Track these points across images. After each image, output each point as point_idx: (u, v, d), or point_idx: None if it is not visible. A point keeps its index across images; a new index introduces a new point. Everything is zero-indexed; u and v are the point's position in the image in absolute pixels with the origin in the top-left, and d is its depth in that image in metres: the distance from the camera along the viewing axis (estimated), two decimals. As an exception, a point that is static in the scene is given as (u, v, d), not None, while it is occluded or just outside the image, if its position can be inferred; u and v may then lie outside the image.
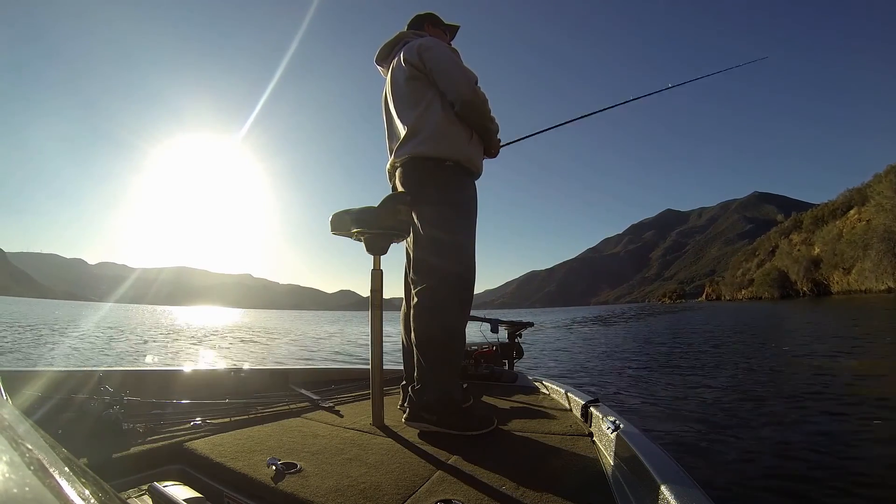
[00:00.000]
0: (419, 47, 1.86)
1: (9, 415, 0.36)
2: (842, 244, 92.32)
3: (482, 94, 1.86)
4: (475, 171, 1.94)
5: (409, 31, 2.07)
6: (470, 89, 1.81)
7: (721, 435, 3.33)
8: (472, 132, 1.89)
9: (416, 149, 1.82)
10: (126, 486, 1.11)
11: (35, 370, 1.57)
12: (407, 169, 1.86)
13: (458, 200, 1.84)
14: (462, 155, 1.84)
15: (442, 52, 1.86)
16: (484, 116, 1.89)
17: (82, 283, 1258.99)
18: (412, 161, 1.84)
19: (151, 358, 9.26)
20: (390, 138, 2.01)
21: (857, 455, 2.82)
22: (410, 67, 1.86)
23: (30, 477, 0.26)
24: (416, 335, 1.75)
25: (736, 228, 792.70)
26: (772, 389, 4.91)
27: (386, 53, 2.07)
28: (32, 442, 0.32)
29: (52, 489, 0.27)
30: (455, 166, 1.83)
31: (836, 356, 7.22)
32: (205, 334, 17.44)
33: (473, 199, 1.91)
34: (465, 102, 1.80)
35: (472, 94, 1.81)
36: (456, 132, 1.84)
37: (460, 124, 1.85)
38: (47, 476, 0.28)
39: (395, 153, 1.91)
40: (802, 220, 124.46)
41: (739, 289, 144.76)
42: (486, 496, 1.03)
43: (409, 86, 1.89)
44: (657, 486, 0.86)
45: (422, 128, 1.83)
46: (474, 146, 1.91)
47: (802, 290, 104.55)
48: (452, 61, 1.85)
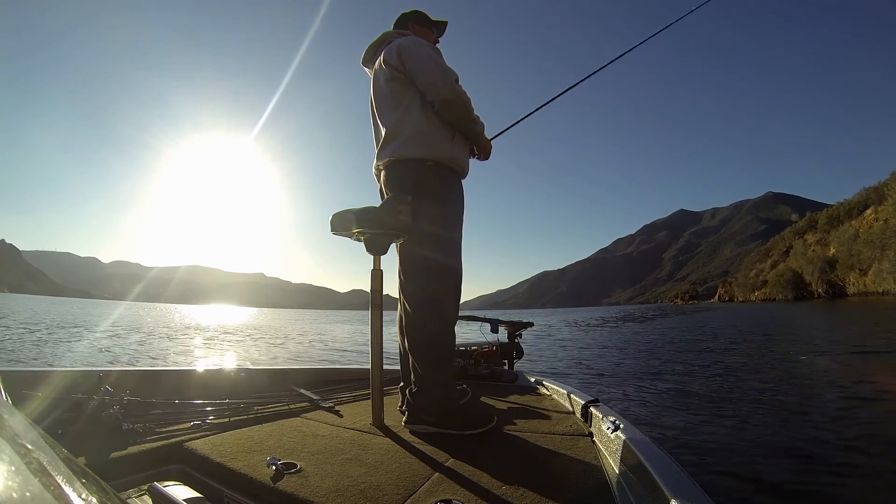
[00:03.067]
0: (398, 48, 1.87)
1: (9, 415, 0.36)
2: (858, 244, 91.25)
3: (463, 92, 1.85)
4: (460, 171, 1.94)
5: (393, 31, 2.07)
6: (448, 88, 1.80)
7: (722, 436, 3.35)
8: (454, 132, 1.89)
9: (398, 151, 1.83)
10: (126, 486, 1.12)
11: (35, 370, 1.60)
12: (390, 172, 1.88)
13: (444, 200, 1.84)
14: (444, 155, 1.84)
15: (420, 52, 1.85)
16: (465, 115, 1.88)
17: (96, 281, 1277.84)
18: (394, 164, 1.85)
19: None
20: (376, 141, 2.02)
21: (862, 461, 2.80)
22: (390, 69, 1.87)
23: (30, 477, 0.27)
24: (408, 337, 1.78)
25: (749, 229, 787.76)
26: (777, 393, 4.89)
27: (371, 55, 2.07)
28: (32, 442, 0.32)
29: (52, 489, 0.27)
30: (437, 166, 1.83)
31: (847, 360, 7.17)
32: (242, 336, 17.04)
33: (460, 199, 1.92)
34: (444, 101, 1.79)
35: (451, 93, 1.80)
36: (437, 132, 1.84)
37: (441, 124, 1.85)
38: (47, 476, 0.28)
39: (378, 156, 1.92)
40: (817, 219, 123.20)
41: (753, 290, 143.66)
42: (486, 496, 1.04)
43: (389, 87, 1.89)
44: (657, 486, 0.87)
45: (402, 130, 1.84)
46: (458, 146, 1.91)
47: (817, 291, 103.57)
48: (431, 60, 1.85)
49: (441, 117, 1.84)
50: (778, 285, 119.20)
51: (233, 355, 10.34)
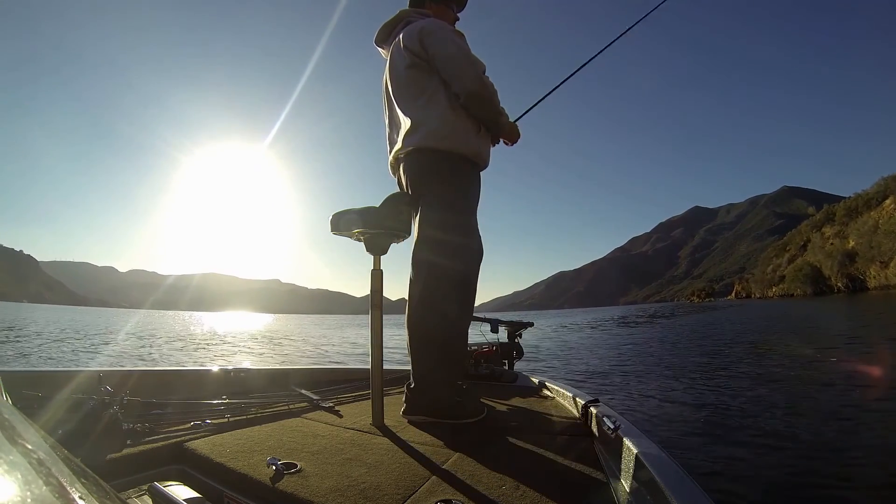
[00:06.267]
0: (420, 31, 1.78)
1: (9, 415, 0.37)
2: (878, 236, 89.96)
3: (490, 84, 1.79)
4: (482, 164, 1.91)
5: (409, 10, 1.98)
6: (477, 81, 1.74)
7: (722, 436, 3.36)
8: (479, 124, 1.84)
9: (422, 141, 1.77)
10: (126, 486, 1.14)
11: (35, 370, 1.63)
12: (411, 161, 1.83)
13: (464, 196, 1.82)
14: (469, 149, 1.80)
15: (446, 38, 1.77)
16: (492, 109, 1.83)
17: (114, 290, 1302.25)
18: (417, 152, 1.80)
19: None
20: (391, 127, 1.97)
21: (865, 462, 2.79)
22: (410, 54, 1.79)
23: (30, 477, 0.28)
24: (409, 332, 1.78)
25: (765, 224, 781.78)
26: (781, 393, 4.88)
27: (386, 34, 1.99)
28: (32, 442, 0.34)
29: (52, 489, 0.28)
30: (462, 159, 1.80)
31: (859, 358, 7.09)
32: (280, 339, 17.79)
33: (477, 194, 1.90)
34: (472, 94, 1.74)
35: (480, 87, 1.74)
36: (463, 125, 1.79)
37: (467, 116, 1.80)
38: (47, 476, 0.29)
39: (401, 143, 1.85)
40: (835, 211, 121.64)
41: (770, 286, 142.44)
42: (486, 496, 1.06)
43: (409, 74, 1.82)
44: (657, 486, 0.88)
45: (426, 120, 1.78)
46: (482, 139, 1.87)
47: (837, 285, 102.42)
48: (457, 48, 1.77)
49: (466, 109, 1.79)
50: (796, 280, 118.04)
51: (283, 358, 10.66)
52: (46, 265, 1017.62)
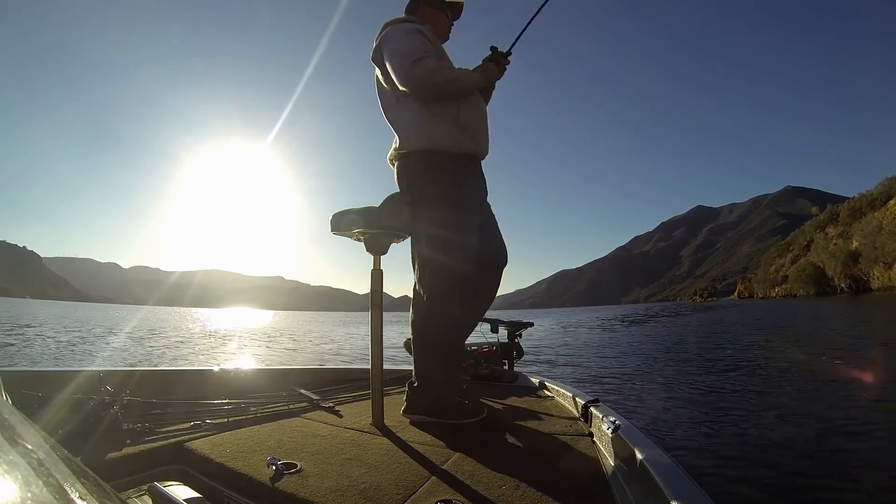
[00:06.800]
0: (381, 41, 1.84)
1: (9, 415, 0.38)
2: (882, 236, 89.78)
3: (424, 65, 1.70)
4: (472, 154, 1.85)
5: (392, 20, 1.97)
6: (404, 74, 1.71)
7: (722, 436, 3.36)
8: (457, 110, 1.78)
9: (403, 147, 1.83)
10: (126, 486, 1.15)
11: (35, 370, 1.64)
12: (398, 168, 1.88)
13: (453, 193, 1.78)
14: (448, 142, 1.77)
15: (392, 42, 1.79)
16: (445, 88, 1.74)
17: (117, 287, 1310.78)
18: (403, 157, 1.84)
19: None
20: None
21: (865, 462, 2.79)
22: (377, 65, 1.88)
23: (30, 477, 0.28)
24: (411, 333, 1.82)
25: (768, 224, 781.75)
26: (782, 394, 4.87)
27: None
28: (32, 442, 0.34)
29: (52, 490, 0.28)
30: (444, 156, 1.77)
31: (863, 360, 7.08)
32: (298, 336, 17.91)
33: (472, 190, 1.87)
34: (412, 89, 1.73)
35: (408, 79, 1.71)
36: (435, 121, 1.77)
37: (438, 108, 1.77)
38: (47, 476, 0.30)
39: (390, 152, 1.93)
40: (839, 212, 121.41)
41: (773, 286, 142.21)
42: (486, 496, 1.06)
43: (380, 83, 1.90)
44: (657, 486, 0.88)
45: (401, 124, 1.84)
46: (463, 126, 1.79)
47: (840, 286, 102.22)
48: (395, 46, 1.77)
49: (423, 102, 1.77)
50: (799, 281, 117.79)
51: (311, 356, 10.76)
52: (50, 261, 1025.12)
